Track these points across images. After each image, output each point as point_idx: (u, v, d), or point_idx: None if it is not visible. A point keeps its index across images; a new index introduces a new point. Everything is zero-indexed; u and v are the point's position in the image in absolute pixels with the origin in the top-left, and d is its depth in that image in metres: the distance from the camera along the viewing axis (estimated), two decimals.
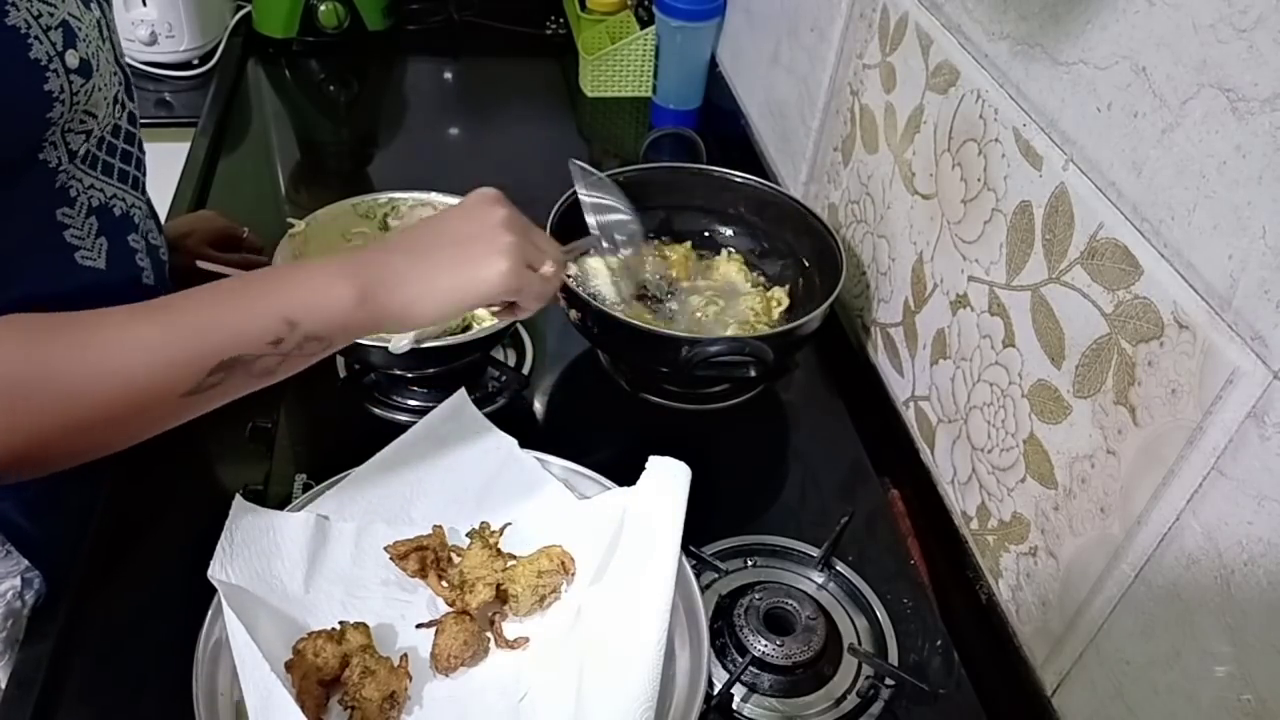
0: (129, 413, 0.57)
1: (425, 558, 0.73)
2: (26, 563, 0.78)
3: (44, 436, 0.55)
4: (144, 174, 0.82)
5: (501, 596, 0.72)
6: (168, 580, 0.76)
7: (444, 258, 0.64)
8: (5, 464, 0.54)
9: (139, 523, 0.82)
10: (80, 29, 0.66)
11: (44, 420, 0.54)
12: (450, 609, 0.72)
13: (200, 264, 0.84)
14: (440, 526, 0.75)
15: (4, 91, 0.62)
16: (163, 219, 1.12)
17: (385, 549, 0.73)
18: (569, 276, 0.81)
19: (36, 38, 0.62)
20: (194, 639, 0.65)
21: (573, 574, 0.75)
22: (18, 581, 0.77)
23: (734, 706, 0.72)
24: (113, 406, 0.56)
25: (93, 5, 0.70)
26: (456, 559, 0.75)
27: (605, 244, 0.83)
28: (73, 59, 0.65)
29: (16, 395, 0.53)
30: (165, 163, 1.32)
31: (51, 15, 0.64)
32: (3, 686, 0.73)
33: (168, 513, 0.84)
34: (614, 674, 0.66)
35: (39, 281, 0.70)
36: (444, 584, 0.73)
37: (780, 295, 1.03)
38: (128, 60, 1.58)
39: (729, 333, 0.97)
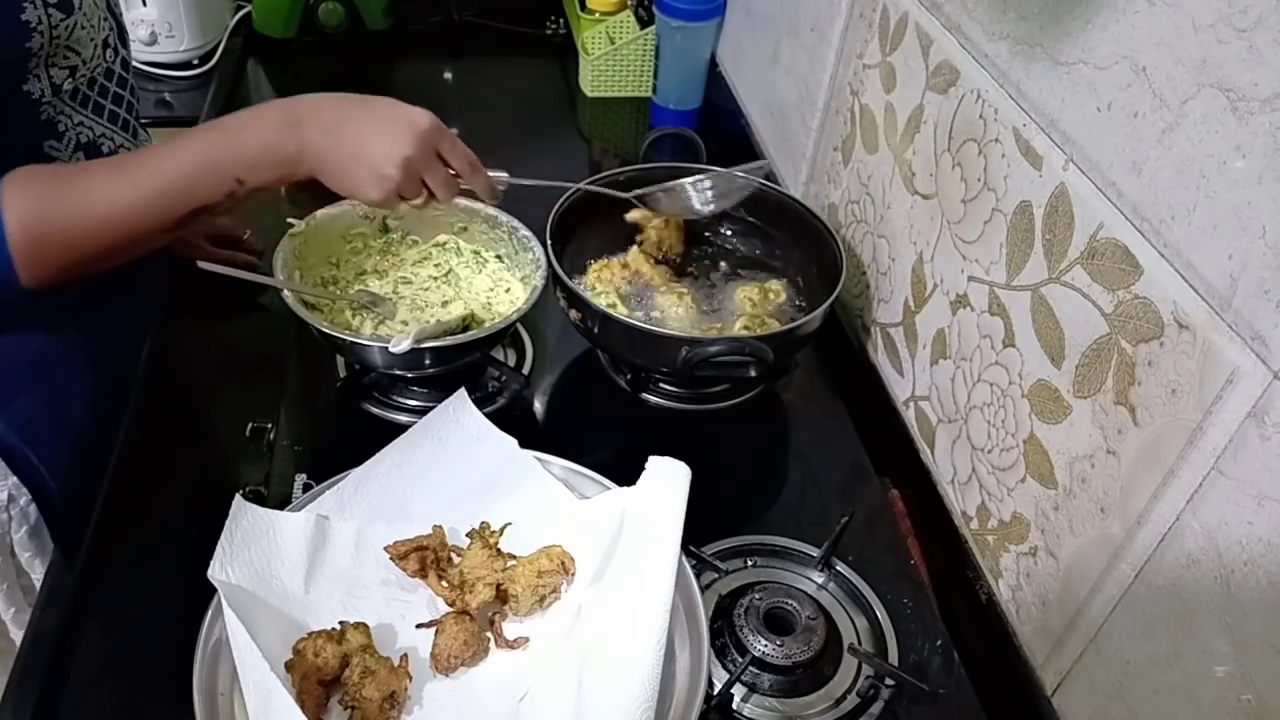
0: (120, 247, 0.73)
1: (425, 558, 0.73)
2: (14, 479, 0.82)
3: (61, 265, 0.71)
4: (136, 118, 0.87)
5: (501, 596, 0.72)
6: (168, 580, 0.76)
7: (344, 159, 0.76)
8: (43, 280, 0.70)
9: (139, 523, 0.82)
10: None
11: (60, 255, 0.70)
12: (450, 609, 0.72)
13: (201, 264, 0.84)
14: (440, 526, 0.75)
15: None
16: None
17: (385, 549, 0.73)
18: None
19: None
20: (194, 639, 0.65)
21: (573, 574, 0.75)
22: (3, 496, 0.81)
23: (734, 706, 0.72)
24: (107, 243, 0.72)
25: None
26: (456, 559, 0.75)
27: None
28: None
29: (39, 237, 0.69)
30: None
31: None
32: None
33: (168, 513, 0.84)
34: (614, 674, 0.66)
35: None
36: (444, 584, 0.73)
37: (777, 287, 1.03)
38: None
39: (737, 326, 0.96)
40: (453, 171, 0.81)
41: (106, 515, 0.82)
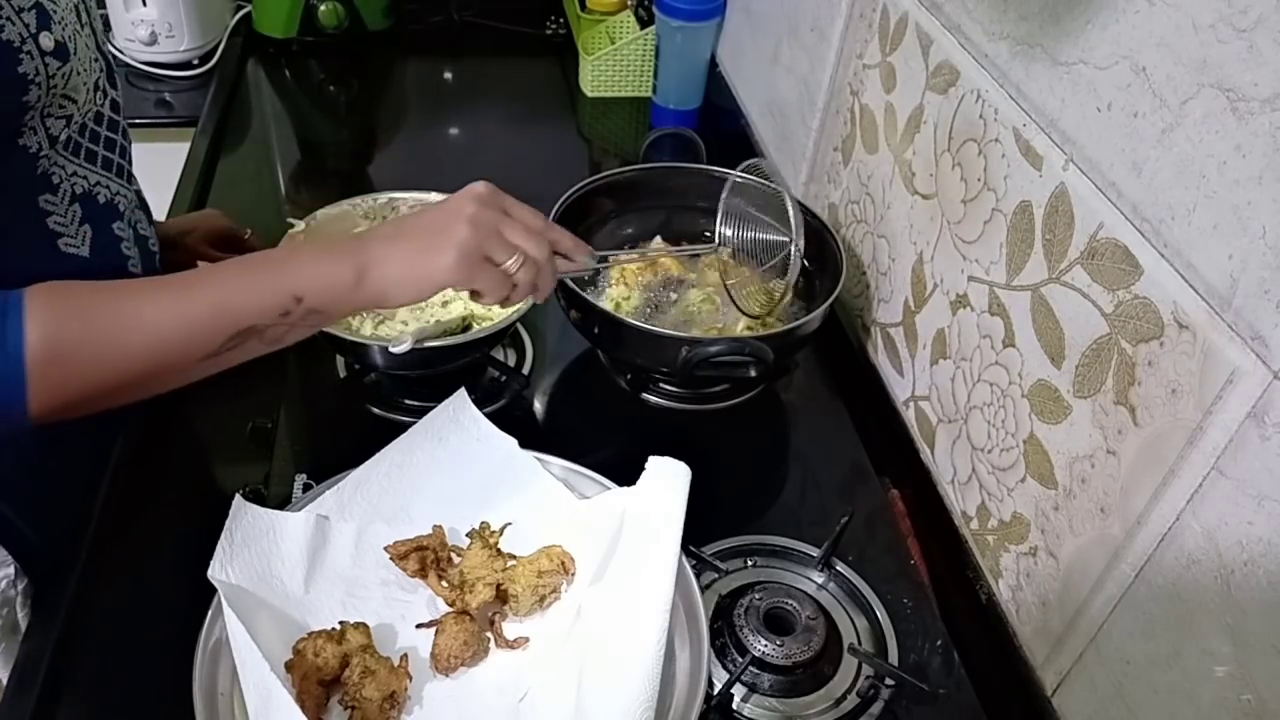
0: (156, 370, 0.64)
1: (425, 558, 0.73)
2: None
3: (73, 394, 0.62)
4: (129, 162, 0.83)
5: (501, 596, 0.72)
6: (168, 580, 0.76)
7: (410, 247, 0.69)
8: (53, 412, 0.61)
9: (139, 522, 0.82)
10: (55, 11, 0.66)
11: (87, 377, 0.62)
12: (450, 609, 0.72)
13: (202, 266, 0.84)
14: (440, 526, 0.75)
15: None
16: (162, 218, 1.12)
17: (385, 549, 0.73)
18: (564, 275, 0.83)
19: (9, 19, 0.62)
20: (194, 639, 0.65)
21: (573, 574, 0.75)
22: (11, 570, 0.78)
23: (734, 706, 0.72)
24: (144, 365, 0.63)
25: None
26: (456, 559, 0.75)
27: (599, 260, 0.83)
28: (47, 41, 0.65)
29: (62, 357, 0.60)
30: (165, 163, 1.33)
31: None
32: (2, 681, 0.73)
33: (168, 513, 0.84)
34: (614, 674, 0.66)
35: (22, 268, 0.69)
36: (444, 584, 0.73)
37: (779, 285, 1.02)
38: (128, 59, 1.58)
39: (739, 328, 0.97)
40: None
41: (106, 515, 0.82)
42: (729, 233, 0.99)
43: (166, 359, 0.64)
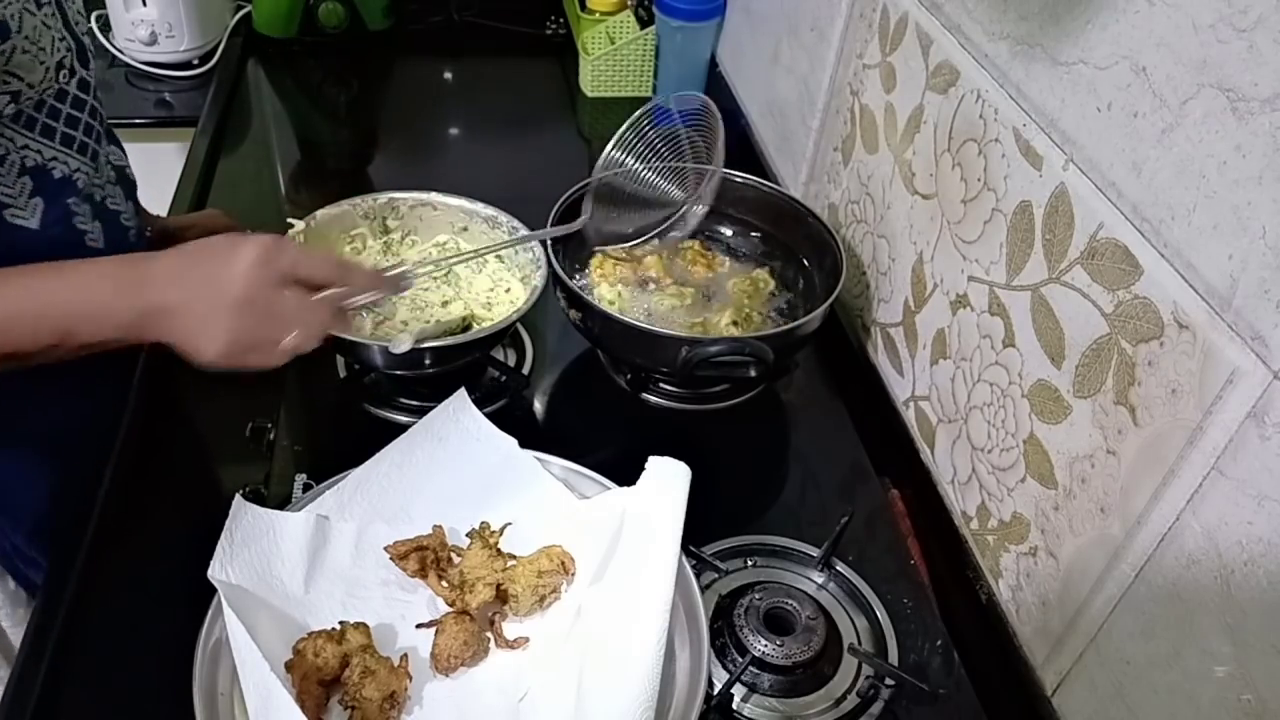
0: None
1: (425, 558, 0.73)
2: None
3: None
4: (98, 140, 0.82)
5: (502, 596, 0.72)
6: (168, 580, 0.76)
7: (185, 315, 0.66)
8: None
9: (139, 523, 0.82)
10: None
11: None
12: (450, 609, 0.72)
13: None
14: (440, 526, 0.75)
15: None
16: (162, 218, 1.12)
17: (385, 549, 0.73)
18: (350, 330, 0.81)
19: None
20: (194, 639, 0.65)
21: (573, 574, 0.75)
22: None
23: (734, 706, 0.72)
24: None
25: None
26: (457, 559, 0.75)
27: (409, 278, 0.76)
28: None
29: None
30: (165, 163, 1.33)
31: None
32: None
33: (168, 513, 0.84)
34: (614, 674, 0.66)
35: None
36: (444, 584, 0.73)
37: (764, 275, 1.03)
38: (127, 59, 1.58)
39: (724, 322, 0.97)
40: (320, 289, 0.68)
41: (106, 515, 0.82)
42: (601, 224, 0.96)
43: None
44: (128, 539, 0.81)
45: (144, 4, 1.51)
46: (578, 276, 1.03)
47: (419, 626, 0.72)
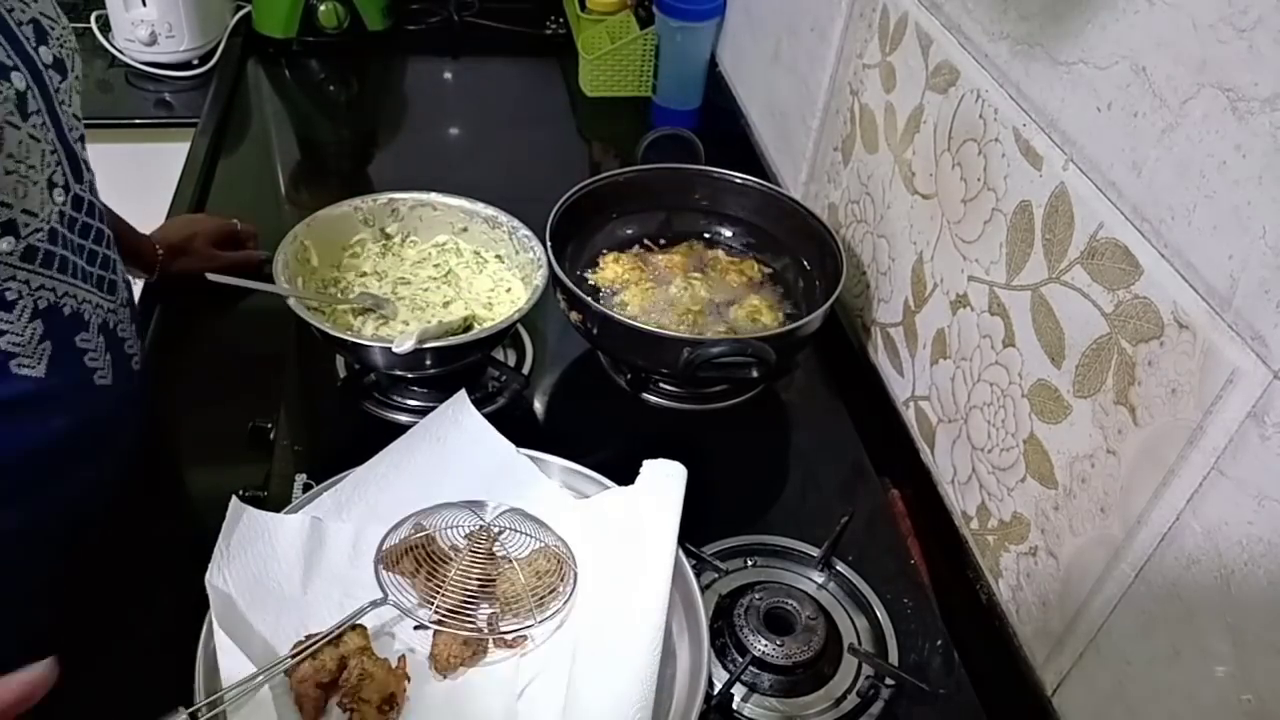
0: None
1: (418, 556, 0.73)
2: None
3: None
4: (110, 269, 0.77)
5: (500, 597, 0.72)
6: (167, 580, 0.76)
7: None
8: None
9: (139, 523, 0.82)
10: None
11: None
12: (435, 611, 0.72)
13: (211, 276, 0.83)
14: (421, 525, 0.75)
15: None
16: (162, 220, 1.13)
17: (375, 562, 0.73)
18: None
19: None
20: (194, 639, 0.65)
21: (570, 574, 0.75)
22: None
23: (734, 706, 0.72)
24: None
25: (14, 76, 0.62)
26: (453, 557, 0.75)
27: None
28: None
29: None
30: (165, 163, 1.33)
31: None
32: None
33: (168, 513, 0.84)
34: (611, 673, 0.66)
35: None
36: (429, 583, 0.73)
37: (770, 301, 1.02)
38: (127, 59, 1.58)
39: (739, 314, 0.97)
40: None
41: (106, 514, 0.82)
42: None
43: None
44: (128, 539, 0.80)
45: (144, 4, 1.50)
46: (589, 274, 1.03)
47: (417, 628, 0.72)
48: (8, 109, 0.62)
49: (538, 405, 0.99)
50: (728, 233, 1.09)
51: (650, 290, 1.00)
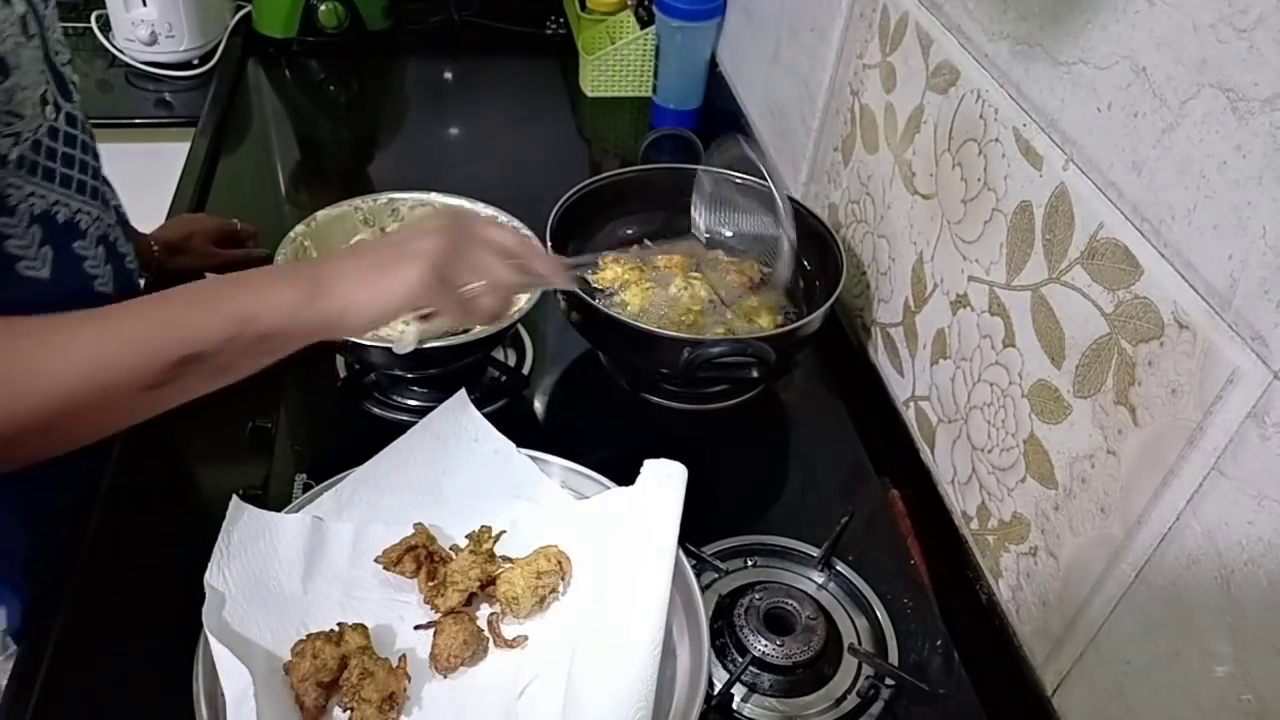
0: (92, 408, 0.58)
1: (418, 555, 0.73)
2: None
3: (6, 434, 0.55)
4: (96, 178, 0.79)
5: (500, 598, 0.72)
6: (168, 580, 0.76)
7: (369, 263, 0.65)
8: None
9: (139, 522, 0.82)
10: None
11: (7, 419, 0.55)
12: (435, 610, 0.72)
13: (210, 276, 0.83)
14: (422, 524, 0.75)
15: None
16: (162, 219, 1.13)
17: (376, 560, 0.73)
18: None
19: None
20: (194, 639, 0.65)
21: (570, 574, 0.75)
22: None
23: (734, 706, 0.72)
24: (76, 403, 0.57)
25: (14, 1, 0.66)
26: (453, 557, 0.75)
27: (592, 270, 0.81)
28: None
29: None
30: (165, 163, 1.33)
31: None
32: None
33: (168, 512, 0.84)
34: (611, 673, 0.66)
35: None
36: (429, 584, 0.73)
37: (769, 303, 1.02)
38: (127, 59, 1.58)
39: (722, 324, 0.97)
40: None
41: (106, 515, 0.82)
42: (708, 221, 0.99)
43: (100, 394, 0.57)
44: (128, 538, 0.80)
45: (144, 4, 1.51)
46: (589, 274, 1.03)
47: (417, 628, 0.72)
48: (16, 31, 0.65)
49: (538, 405, 0.99)
50: (728, 233, 1.09)
51: (650, 290, 1.00)
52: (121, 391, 0.58)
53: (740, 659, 0.72)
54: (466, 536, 0.76)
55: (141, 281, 1.01)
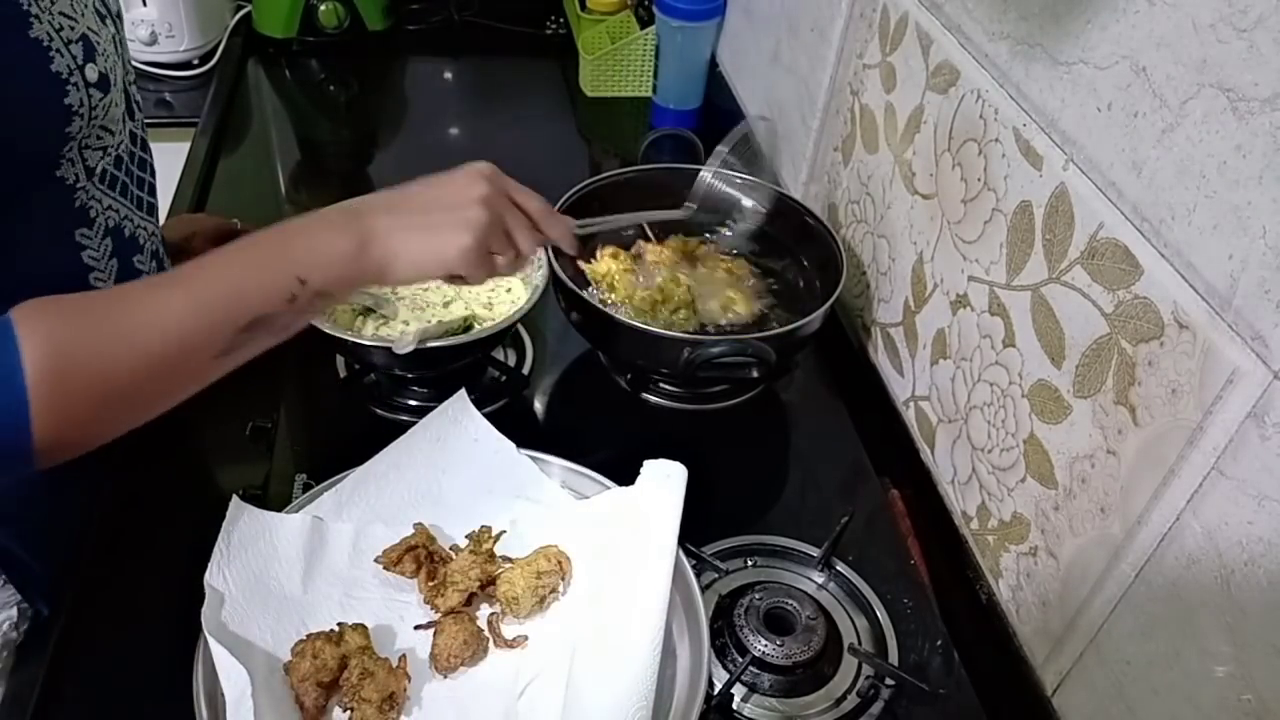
0: (164, 379, 0.58)
1: (419, 555, 0.73)
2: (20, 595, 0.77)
3: (83, 415, 0.55)
4: (152, 194, 0.82)
5: (500, 598, 0.72)
6: (168, 580, 0.76)
7: (416, 223, 0.65)
8: (61, 441, 0.54)
9: (140, 522, 0.82)
10: (99, 43, 0.66)
11: (83, 398, 0.55)
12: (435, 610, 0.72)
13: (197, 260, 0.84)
14: (422, 524, 0.75)
15: (27, 103, 0.62)
16: (162, 219, 1.12)
17: (376, 560, 0.73)
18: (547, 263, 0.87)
19: (58, 50, 0.62)
20: (194, 639, 0.65)
21: (570, 574, 0.75)
22: (14, 612, 0.77)
23: (734, 706, 0.72)
24: (149, 375, 0.57)
25: (108, 22, 0.70)
26: (453, 557, 0.75)
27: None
28: (92, 73, 0.65)
29: (68, 371, 0.54)
30: (165, 163, 1.32)
31: (73, 29, 0.64)
32: None
33: (168, 512, 0.84)
34: (611, 673, 0.66)
35: None
36: (429, 584, 0.73)
37: (746, 292, 1.03)
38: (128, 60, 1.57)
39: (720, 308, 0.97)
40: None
41: (106, 515, 0.82)
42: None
43: (179, 357, 0.58)
44: (129, 538, 0.80)
45: (144, 4, 1.51)
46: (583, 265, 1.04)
47: (417, 628, 0.72)
48: (113, 50, 0.69)
49: (538, 405, 0.99)
50: (728, 233, 1.09)
51: (636, 281, 1.00)
52: (198, 359, 0.59)
53: (740, 659, 0.72)
54: (466, 536, 0.76)
55: None
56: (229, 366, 0.62)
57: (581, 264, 1.01)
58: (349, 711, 0.65)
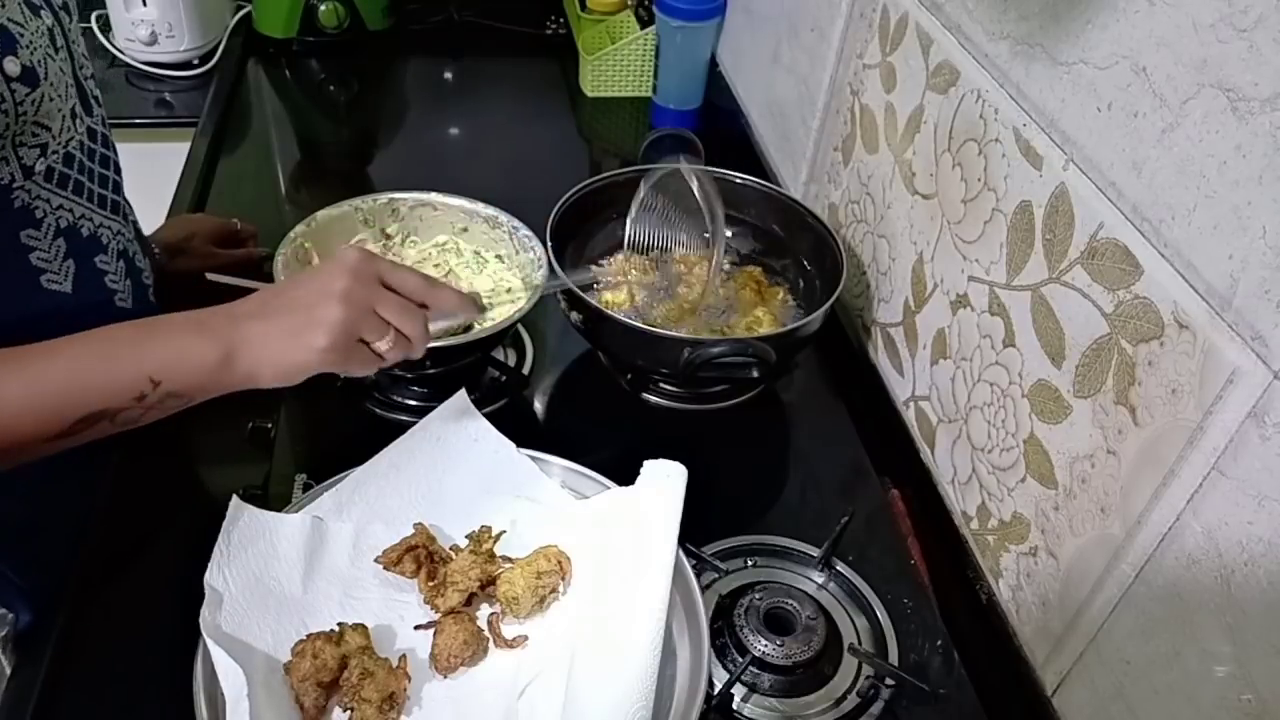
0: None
1: (419, 555, 0.73)
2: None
3: None
4: (117, 192, 0.80)
5: (500, 598, 0.72)
6: (168, 580, 0.76)
7: (281, 327, 0.65)
8: None
9: (139, 522, 0.82)
10: (23, 35, 0.64)
11: None
12: (434, 610, 0.72)
13: (210, 276, 0.83)
14: (422, 524, 0.75)
15: None
16: (162, 219, 1.13)
17: (376, 560, 0.73)
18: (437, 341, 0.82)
19: None
20: (194, 639, 0.65)
21: (570, 574, 0.75)
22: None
23: (734, 706, 0.72)
24: None
25: (43, 13, 0.68)
26: (453, 557, 0.75)
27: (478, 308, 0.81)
28: (12, 66, 0.62)
29: None
30: (165, 163, 1.33)
31: None
32: None
33: (168, 512, 0.84)
34: (611, 673, 0.66)
35: (1, 307, 0.69)
36: (429, 584, 0.73)
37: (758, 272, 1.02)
38: (127, 59, 1.58)
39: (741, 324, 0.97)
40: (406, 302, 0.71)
41: (106, 515, 0.82)
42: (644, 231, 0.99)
43: (10, 434, 0.59)
44: (127, 540, 0.80)
45: (144, 4, 1.51)
46: (603, 263, 1.04)
47: (417, 628, 0.72)
48: (44, 43, 0.66)
49: (538, 405, 0.99)
50: (727, 233, 1.09)
51: (649, 289, 1.00)
52: (26, 439, 0.60)
53: (740, 659, 0.72)
54: (466, 536, 0.76)
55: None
56: (69, 445, 0.62)
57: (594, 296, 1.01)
58: (349, 711, 0.65)
